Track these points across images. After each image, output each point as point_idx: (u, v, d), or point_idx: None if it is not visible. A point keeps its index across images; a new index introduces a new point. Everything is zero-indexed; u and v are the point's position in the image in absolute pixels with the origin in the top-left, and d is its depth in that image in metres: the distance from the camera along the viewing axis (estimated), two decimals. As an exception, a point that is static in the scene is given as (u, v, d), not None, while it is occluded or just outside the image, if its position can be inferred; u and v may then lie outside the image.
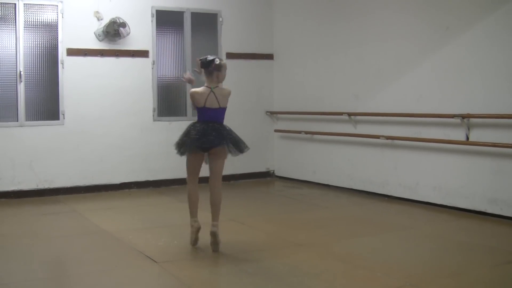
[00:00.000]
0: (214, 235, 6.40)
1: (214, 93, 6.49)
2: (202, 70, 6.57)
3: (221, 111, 6.59)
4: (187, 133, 6.58)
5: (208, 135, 6.41)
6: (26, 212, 8.76)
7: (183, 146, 6.55)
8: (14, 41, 9.53)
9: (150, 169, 10.62)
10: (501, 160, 7.64)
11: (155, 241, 6.84)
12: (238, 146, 6.62)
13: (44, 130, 9.80)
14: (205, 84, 6.55)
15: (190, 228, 6.63)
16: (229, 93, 6.62)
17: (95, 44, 10.11)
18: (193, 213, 6.64)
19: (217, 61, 6.50)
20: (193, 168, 6.68)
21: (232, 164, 11.11)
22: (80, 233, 7.40)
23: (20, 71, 9.53)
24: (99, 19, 10.08)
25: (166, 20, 10.77)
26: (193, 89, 6.56)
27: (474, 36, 7.92)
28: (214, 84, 6.53)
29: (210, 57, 6.55)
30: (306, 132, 10.87)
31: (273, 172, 11.91)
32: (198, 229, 6.56)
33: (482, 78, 7.82)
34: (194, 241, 6.59)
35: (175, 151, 6.66)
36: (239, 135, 8.50)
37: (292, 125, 11.38)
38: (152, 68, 10.59)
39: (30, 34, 9.65)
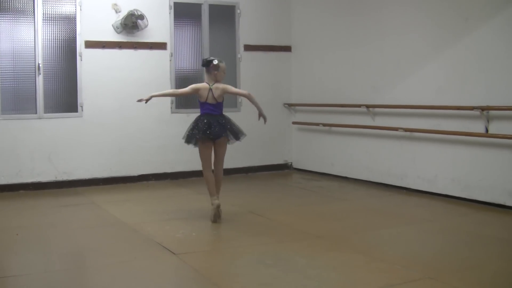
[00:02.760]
0: (218, 206, 7.29)
1: (211, 90, 7.35)
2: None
3: (219, 105, 7.43)
4: (195, 126, 7.41)
5: (213, 128, 7.28)
6: (45, 204, 8.81)
7: (193, 138, 7.43)
8: (33, 34, 9.59)
9: (168, 161, 10.65)
10: (521, 153, 7.59)
11: (173, 232, 6.86)
12: (236, 134, 7.53)
13: (62, 122, 9.85)
14: (205, 81, 7.46)
15: (211, 207, 7.35)
16: (223, 89, 7.40)
17: (113, 36, 10.15)
18: (213, 192, 7.40)
19: (215, 62, 7.38)
20: (206, 156, 7.46)
21: (250, 156, 11.17)
22: (98, 225, 7.43)
23: (38, 64, 9.58)
24: (117, 11, 10.10)
25: (184, 12, 10.77)
26: (196, 84, 7.49)
27: (494, 28, 7.84)
28: (212, 82, 7.38)
29: (210, 58, 7.50)
30: (324, 124, 10.85)
31: (291, 164, 11.90)
32: (218, 206, 7.31)
33: (502, 70, 7.75)
34: (214, 217, 7.29)
35: (187, 144, 7.61)
36: (257, 127, 8.70)
37: (310, 117, 11.36)
38: (170, 61, 10.60)
39: (49, 26, 9.70)
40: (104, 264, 5.80)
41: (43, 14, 9.62)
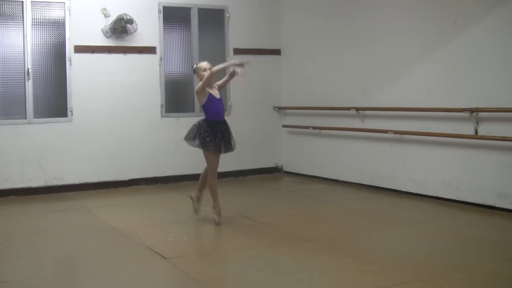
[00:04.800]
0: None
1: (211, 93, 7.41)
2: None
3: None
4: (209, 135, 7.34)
5: (226, 143, 7.53)
6: (35, 209, 8.79)
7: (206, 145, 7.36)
8: (22, 39, 9.55)
9: (158, 166, 10.64)
10: (510, 154, 7.60)
11: (164, 237, 6.85)
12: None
13: (52, 127, 9.82)
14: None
15: (214, 210, 7.46)
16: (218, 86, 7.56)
17: (102, 41, 10.13)
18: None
19: (194, 67, 7.53)
20: (217, 163, 7.53)
21: (240, 160, 11.17)
22: (89, 230, 7.42)
23: (28, 69, 9.55)
24: (106, 16, 10.09)
25: (173, 16, 10.77)
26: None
27: (483, 29, 7.88)
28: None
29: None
30: (314, 127, 10.86)
31: (281, 168, 11.90)
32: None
33: (491, 71, 7.78)
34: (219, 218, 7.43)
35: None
36: (247, 130, 8.72)
37: (300, 120, 11.37)
38: (160, 65, 10.60)
39: (38, 31, 9.67)
40: (94, 269, 5.78)
41: (32, 19, 9.59)
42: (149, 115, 10.53)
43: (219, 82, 7.61)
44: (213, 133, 7.24)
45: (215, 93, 7.40)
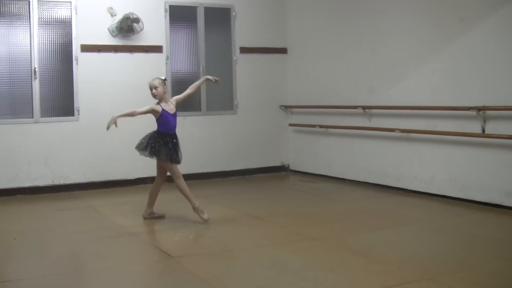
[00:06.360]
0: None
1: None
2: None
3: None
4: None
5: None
6: (42, 208, 8.80)
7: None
8: (29, 38, 9.58)
9: (164, 164, 10.62)
10: (517, 153, 7.60)
11: (171, 236, 6.86)
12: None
13: (59, 126, 9.84)
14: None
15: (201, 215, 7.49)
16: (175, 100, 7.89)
17: (109, 40, 10.14)
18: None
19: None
20: None
21: (247, 159, 11.18)
22: (95, 229, 7.42)
23: (34, 68, 9.57)
24: (112, 15, 10.10)
25: (179, 15, 10.77)
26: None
27: (489, 27, 7.85)
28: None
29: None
30: (321, 126, 10.85)
31: (288, 166, 11.90)
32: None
33: (498, 69, 7.76)
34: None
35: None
36: (253, 129, 8.62)
37: (306, 119, 11.36)
38: (166, 64, 10.60)
39: (44, 30, 9.70)
40: (101, 267, 5.80)
41: (38, 18, 9.61)
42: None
43: (179, 96, 7.84)
44: (164, 143, 7.58)
45: (170, 108, 7.67)
